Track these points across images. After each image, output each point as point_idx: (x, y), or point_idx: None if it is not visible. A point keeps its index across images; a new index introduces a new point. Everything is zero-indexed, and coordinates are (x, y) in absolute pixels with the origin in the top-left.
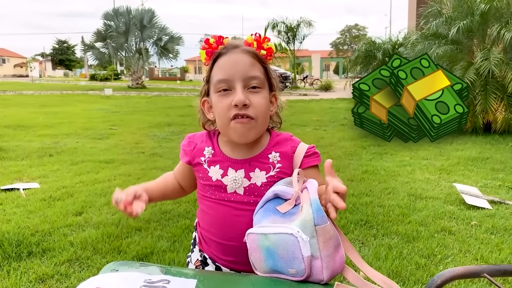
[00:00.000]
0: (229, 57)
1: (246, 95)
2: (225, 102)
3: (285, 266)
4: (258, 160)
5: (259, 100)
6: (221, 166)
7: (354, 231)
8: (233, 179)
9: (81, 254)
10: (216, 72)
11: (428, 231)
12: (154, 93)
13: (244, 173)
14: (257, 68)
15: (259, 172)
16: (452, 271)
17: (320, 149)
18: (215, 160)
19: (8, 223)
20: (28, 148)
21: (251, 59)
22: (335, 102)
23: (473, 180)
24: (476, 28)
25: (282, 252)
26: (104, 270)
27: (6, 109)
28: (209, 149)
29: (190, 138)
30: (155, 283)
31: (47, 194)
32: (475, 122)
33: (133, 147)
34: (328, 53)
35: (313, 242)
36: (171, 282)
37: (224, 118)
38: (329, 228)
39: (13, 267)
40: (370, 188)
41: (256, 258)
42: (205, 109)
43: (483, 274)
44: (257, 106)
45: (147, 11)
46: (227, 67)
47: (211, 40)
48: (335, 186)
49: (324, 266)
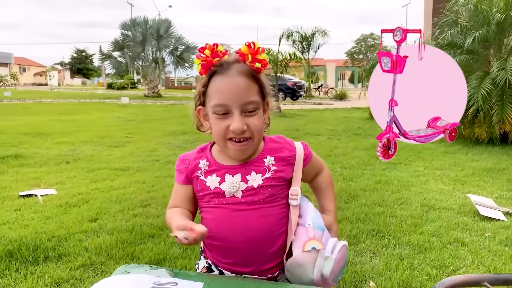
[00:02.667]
0: (226, 79)
1: (243, 121)
2: (222, 124)
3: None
4: (254, 164)
5: (256, 122)
6: (217, 174)
7: (366, 241)
8: (230, 184)
9: (96, 259)
10: (213, 93)
11: (441, 242)
12: (170, 101)
13: (241, 177)
14: (253, 90)
15: (255, 175)
16: (453, 279)
17: (334, 159)
18: (211, 170)
19: (26, 228)
20: (46, 155)
21: (246, 82)
22: (350, 111)
23: (488, 191)
24: (492, 37)
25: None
26: (116, 272)
27: (26, 117)
28: (203, 161)
29: (183, 157)
30: (163, 285)
31: (64, 201)
32: (491, 133)
33: (148, 155)
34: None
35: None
36: (179, 284)
37: (221, 137)
38: (343, 246)
39: (30, 271)
40: (382, 198)
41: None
42: (201, 116)
43: (484, 282)
44: (254, 128)
45: (163, 21)
46: (224, 92)
47: (206, 52)
48: None
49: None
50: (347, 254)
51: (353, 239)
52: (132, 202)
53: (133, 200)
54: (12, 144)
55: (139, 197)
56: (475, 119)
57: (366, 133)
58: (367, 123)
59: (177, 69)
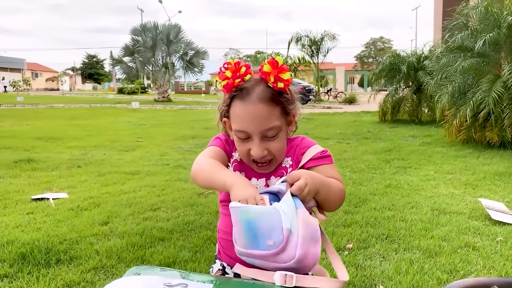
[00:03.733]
0: (245, 107)
1: (264, 145)
2: (244, 147)
3: (263, 238)
4: (276, 170)
5: (276, 146)
6: (246, 174)
7: (375, 245)
8: (255, 185)
9: (106, 262)
10: (234, 117)
11: (451, 246)
12: (180, 106)
13: (264, 182)
14: (274, 116)
15: (274, 179)
16: (461, 283)
17: (343, 163)
18: (241, 167)
19: (38, 231)
20: (58, 160)
21: (266, 108)
22: (359, 115)
23: (499, 195)
24: (503, 40)
25: (263, 223)
26: (127, 273)
27: (38, 122)
28: (237, 154)
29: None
30: (173, 287)
31: (75, 204)
32: (503, 136)
33: (158, 159)
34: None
35: (293, 220)
36: (189, 286)
37: (245, 158)
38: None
39: (42, 273)
40: (392, 202)
41: (236, 232)
42: (227, 127)
43: (493, 286)
44: (275, 151)
45: (173, 27)
46: (244, 119)
47: (228, 73)
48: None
49: (300, 243)
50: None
51: (363, 243)
52: (142, 206)
53: (143, 204)
54: (24, 149)
55: (149, 200)
56: (486, 123)
57: (376, 137)
58: (377, 126)
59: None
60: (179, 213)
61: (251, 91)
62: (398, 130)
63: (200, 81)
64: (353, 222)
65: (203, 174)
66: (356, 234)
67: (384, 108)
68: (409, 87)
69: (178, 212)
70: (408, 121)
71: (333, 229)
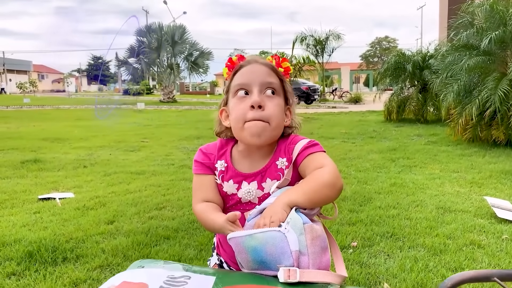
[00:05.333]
0: (249, 67)
1: (262, 98)
2: (242, 105)
3: (273, 262)
4: (269, 169)
5: (273, 105)
6: (234, 181)
7: (380, 243)
8: (247, 191)
9: (112, 260)
10: (236, 79)
11: (456, 244)
12: (185, 107)
13: (257, 185)
14: (273, 78)
15: (270, 182)
16: (462, 275)
17: (348, 162)
18: (228, 175)
19: (45, 230)
20: (64, 160)
21: (268, 70)
22: (365, 114)
23: (505, 193)
24: (509, 38)
25: (270, 248)
26: (131, 267)
27: (44, 123)
28: (221, 162)
29: (205, 150)
30: (177, 279)
31: (81, 204)
32: (509, 134)
33: (163, 159)
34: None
35: (301, 239)
36: (192, 278)
37: (239, 120)
38: (317, 228)
39: (49, 271)
40: (397, 201)
41: (243, 259)
42: (222, 118)
43: (494, 278)
44: (271, 111)
45: (178, 27)
46: (246, 74)
47: (234, 58)
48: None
49: (311, 263)
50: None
51: (367, 241)
52: (148, 205)
53: (148, 203)
54: (31, 149)
55: (155, 200)
56: (492, 121)
57: (381, 136)
58: (382, 126)
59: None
60: (184, 212)
61: (255, 59)
62: (404, 129)
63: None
64: (358, 221)
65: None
66: (361, 232)
67: (390, 107)
68: (415, 86)
69: (183, 211)
70: (413, 120)
71: (337, 227)
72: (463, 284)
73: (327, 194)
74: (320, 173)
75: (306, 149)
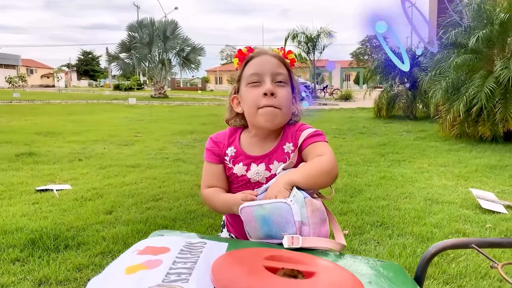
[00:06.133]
0: (260, 58)
1: (274, 86)
2: (255, 92)
3: (278, 230)
4: (276, 152)
5: (284, 92)
6: (244, 163)
7: (370, 232)
8: (255, 172)
9: (113, 247)
10: (248, 69)
11: (443, 232)
12: (176, 102)
13: (265, 166)
14: (282, 69)
15: (277, 164)
16: (444, 243)
17: (339, 156)
18: (238, 159)
19: (45, 220)
20: (58, 153)
21: (278, 61)
22: (355, 111)
23: (490, 186)
24: (495, 37)
25: (277, 218)
26: (151, 235)
27: (36, 117)
28: (231, 148)
29: (215, 138)
30: (194, 244)
31: (79, 195)
32: (495, 131)
33: (157, 153)
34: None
35: (303, 211)
36: (207, 243)
37: (253, 107)
38: (316, 202)
39: (52, 257)
40: (387, 193)
41: (252, 227)
42: (234, 104)
43: (472, 245)
44: (282, 98)
45: (170, 23)
46: (258, 64)
47: (244, 49)
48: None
49: (311, 232)
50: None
51: (358, 230)
52: (145, 196)
53: (145, 195)
54: (24, 143)
55: (151, 191)
56: (479, 118)
57: (371, 132)
58: (372, 122)
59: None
60: (181, 203)
61: (265, 51)
62: (393, 125)
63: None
64: (349, 211)
65: (214, 208)
66: (352, 221)
67: (380, 104)
68: (404, 83)
69: (180, 202)
70: (403, 116)
71: None
72: (446, 250)
73: (324, 179)
74: (320, 160)
75: (311, 137)
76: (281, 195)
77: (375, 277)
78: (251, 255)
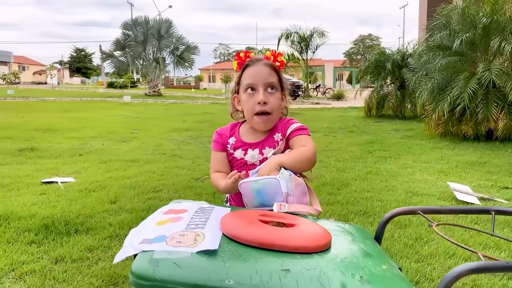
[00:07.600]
0: (255, 68)
1: (266, 95)
2: (251, 101)
3: (270, 200)
4: (267, 140)
5: (274, 99)
6: (242, 148)
7: (354, 219)
8: (251, 156)
9: (120, 232)
10: (245, 77)
11: (419, 220)
12: (171, 100)
13: (258, 151)
14: (274, 76)
15: (268, 149)
16: (397, 210)
17: (328, 153)
18: (237, 146)
19: (54, 208)
20: (59, 149)
21: (269, 70)
22: (346, 110)
23: (468, 180)
24: (478, 40)
25: (269, 190)
26: (172, 202)
27: (32, 114)
28: (232, 138)
29: (219, 131)
30: (205, 208)
31: (83, 187)
32: (477, 130)
33: (154, 149)
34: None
35: (289, 185)
36: (215, 208)
37: (250, 112)
38: (299, 179)
39: (65, 240)
40: (371, 186)
41: (249, 198)
42: (235, 102)
43: (418, 211)
44: (273, 104)
45: (164, 21)
46: (253, 75)
47: (241, 54)
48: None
49: (295, 201)
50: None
51: (343, 218)
52: (146, 188)
53: (146, 187)
54: (25, 139)
55: (151, 184)
56: (462, 117)
57: (361, 131)
58: (362, 121)
59: (177, 68)
60: (180, 194)
61: (258, 60)
62: (382, 124)
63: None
64: (335, 201)
65: (218, 188)
66: (337, 211)
67: (370, 103)
68: (394, 83)
69: (179, 193)
70: (392, 116)
71: None
72: (398, 216)
73: (305, 164)
74: (304, 149)
75: (297, 130)
76: (272, 173)
77: (341, 232)
78: (249, 213)
